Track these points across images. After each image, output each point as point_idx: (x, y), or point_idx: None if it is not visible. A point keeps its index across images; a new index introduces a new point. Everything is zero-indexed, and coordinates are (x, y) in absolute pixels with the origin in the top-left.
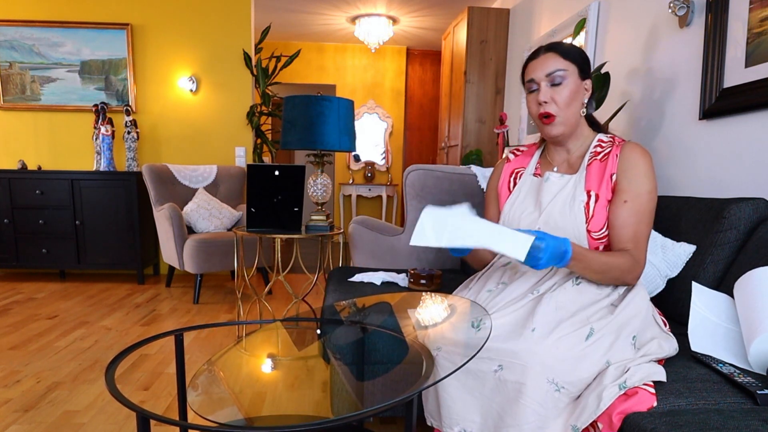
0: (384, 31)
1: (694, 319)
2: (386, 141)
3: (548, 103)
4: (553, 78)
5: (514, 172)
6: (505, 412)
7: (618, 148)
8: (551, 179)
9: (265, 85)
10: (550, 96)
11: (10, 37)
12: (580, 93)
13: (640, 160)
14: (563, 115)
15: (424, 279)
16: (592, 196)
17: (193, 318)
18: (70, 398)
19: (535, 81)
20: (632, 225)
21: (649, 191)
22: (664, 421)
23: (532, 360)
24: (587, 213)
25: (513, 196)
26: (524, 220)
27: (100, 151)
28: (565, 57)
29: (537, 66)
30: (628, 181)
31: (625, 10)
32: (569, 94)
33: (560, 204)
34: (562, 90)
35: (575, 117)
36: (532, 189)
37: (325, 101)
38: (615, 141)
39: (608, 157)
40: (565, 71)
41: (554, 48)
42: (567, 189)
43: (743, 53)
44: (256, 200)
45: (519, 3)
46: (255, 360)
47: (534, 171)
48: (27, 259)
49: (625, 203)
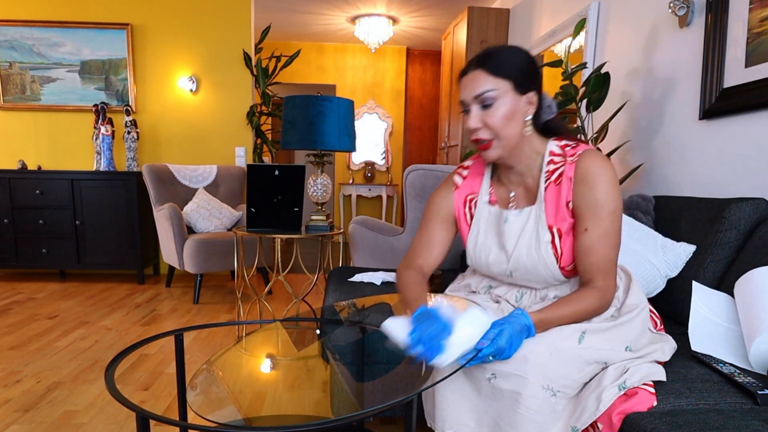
0: (384, 31)
1: (694, 319)
2: (386, 141)
3: (480, 129)
4: (483, 99)
5: (466, 200)
6: (502, 420)
7: (571, 168)
8: (510, 219)
9: (265, 85)
10: (481, 120)
11: (10, 37)
12: (519, 111)
13: (597, 178)
14: (499, 139)
15: None
16: (555, 233)
17: (193, 318)
18: (70, 398)
19: (465, 103)
20: (596, 252)
21: (611, 212)
22: (664, 421)
23: (527, 369)
24: (555, 252)
25: (473, 233)
26: (494, 266)
27: (100, 151)
28: (496, 74)
29: (466, 85)
30: (587, 206)
31: (625, 10)
32: (503, 115)
33: (525, 247)
34: (494, 112)
35: (515, 138)
36: (491, 224)
37: (325, 101)
38: (566, 156)
39: (562, 179)
40: (496, 91)
41: (483, 64)
42: (529, 226)
43: (743, 53)
44: (256, 200)
45: (519, 3)
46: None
47: (489, 197)
48: (27, 259)
49: (586, 231)
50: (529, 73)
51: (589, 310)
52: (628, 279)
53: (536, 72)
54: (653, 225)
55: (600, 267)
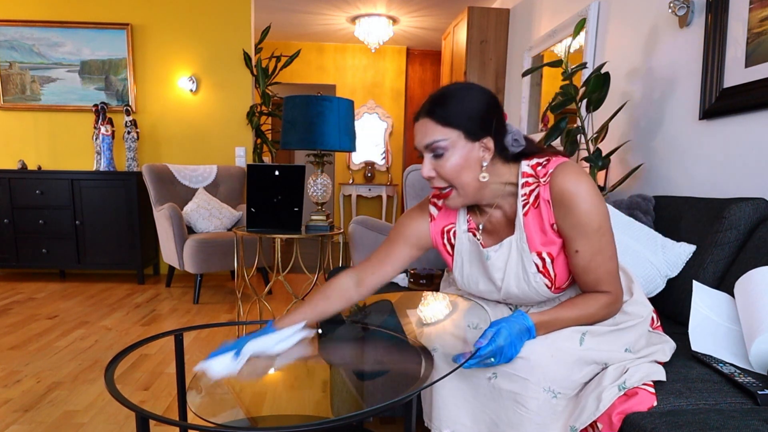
0: (384, 31)
1: (694, 319)
2: (386, 141)
3: (434, 178)
4: (433, 149)
5: (444, 231)
6: (501, 420)
7: (546, 189)
8: (491, 256)
9: (265, 85)
10: (433, 169)
11: (10, 37)
12: (472, 158)
13: (573, 199)
14: (456, 188)
15: (424, 279)
16: (545, 257)
17: (193, 318)
18: (70, 398)
19: (419, 149)
20: (594, 269)
21: (596, 229)
22: (664, 421)
23: (529, 371)
24: (548, 276)
25: (458, 264)
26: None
27: (100, 151)
28: (444, 124)
29: (417, 132)
30: (571, 227)
31: (625, 10)
32: (455, 164)
33: (514, 279)
34: (445, 162)
35: (473, 185)
36: (474, 256)
37: (325, 101)
38: (539, 177)
39: (539, 201)
40: (446, 140)
41: (433, 113)
42: (513, 259)
43: (743, 53)
44: (256, 200)
45: (519, 3)
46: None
47: (467, 226)
48: (27, 259)
49: (577, 253)
50: (482, 119)
51: (596, 315)
52: (628, 280)
53: (492, 115)
54: (653, 225)
55: (601, 280)
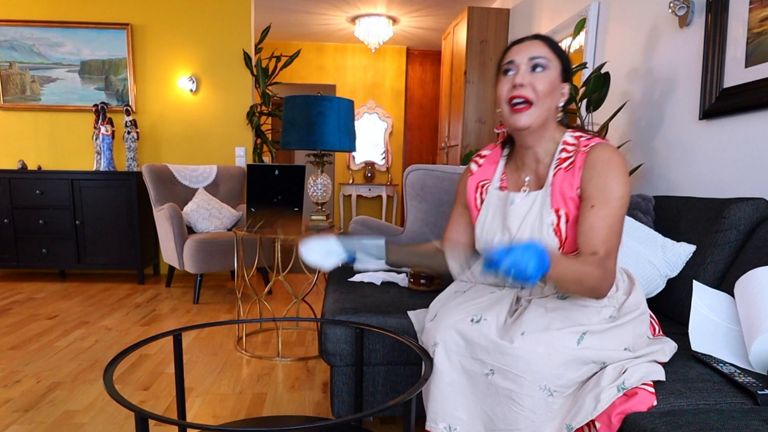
0: (384, 31)
1: (694, 319)
2: (386, 141)
3: (525, 87)
4: (536, 63)
5: (478, 186)
6: (496, 416)
7: (582, 157)
8: (516, 201)
9: (265, 85)
10: (529, 81)
11: (10, 37)
12: (557, 91)
13: (607, 164)
14: (539, 106)
15: (424, 279)
16: (562, 216)
17: (193, 318)
18: (70, 398)
19: (514, 63)
20: (602, 229)
21: (619, 196)
22: (664, 421)
23: (525, 369)
24: (559, 235)
25: (482, 216)
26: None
27: (100, 151)
28: (551, 48)
29: (521, 49)
30: (595, 187)
31: (625, 10)
32: (547, 84)
33: (529, 229)
34: (542, 78)
35: (548, 113)
36: (498, 208)
37: (325, 101)
38: (580, 145)
39: (573, 167)
40: (548, 61)
41: (542, 37)
42: (534, 210)
43: (743, 53)
44: (256, 200)
45: (519, 3)
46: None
47: (500, 184)
48: (27, 259)
49: (592, 208)
50: (570, 67)
51: (595, 276)
52: (630, 283)
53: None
54: (653, 225)
55: (606, 243)
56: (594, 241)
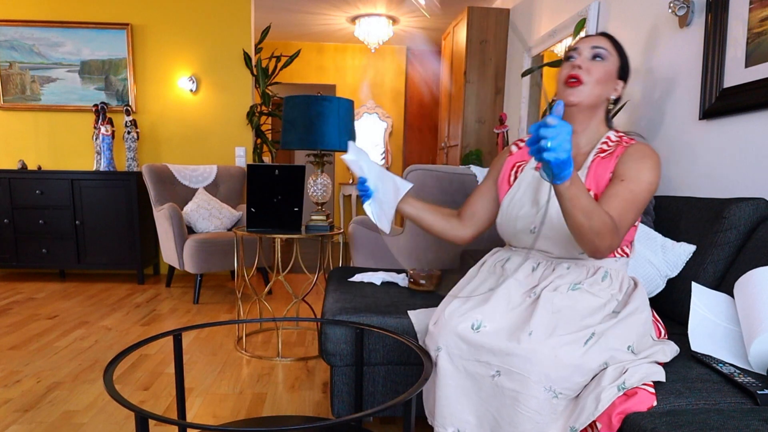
0: (384, 31)
1: (694, 319)
2: (386, 141)
3: (582, 69)
4: (596, 52)
5: (515, 165)
6: (502, 418)
7: (622, 149)
8: None
9: (265, 85)
10: (587, 66)
11: (10, 37)
12: (611, 83)
13: (644, 156)
14: (590, 86)
15: (424, 279)
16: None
17: (193, 318)
18: (70, 398)
19: (578, 50)
20: (623, 201)
21: (649, 182)
22: (664, 421)
23: (531, 369)
24: None
25: (513, 191)
26: (521, 221)
27: (100, 151)
28: (615, 48)
29: (586, 40)
30: (629, 169)
31: (625, 10)
32: (605, 72)
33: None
34: (600, 66)
35: (598, 99)
36: (531, 185)
37: (325, 101)
38: (622, 141)
39: (611, 156)
40: (609, 53)
41: (607, 35)
42: None
43: (743, 53)
44: (256, 200)
45: (519, 3)
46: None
47: (536, 164)
48: (27, 259)
49: (622, 182)
50: (628, 69)
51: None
52: (633, 286)
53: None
54: (653, 225)
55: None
56: (611, 206)
